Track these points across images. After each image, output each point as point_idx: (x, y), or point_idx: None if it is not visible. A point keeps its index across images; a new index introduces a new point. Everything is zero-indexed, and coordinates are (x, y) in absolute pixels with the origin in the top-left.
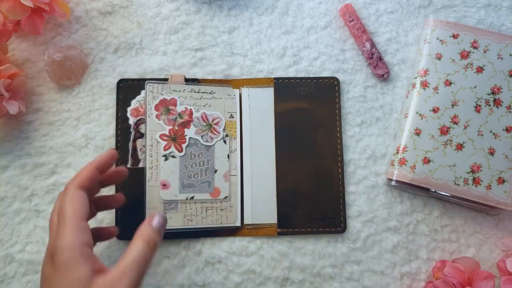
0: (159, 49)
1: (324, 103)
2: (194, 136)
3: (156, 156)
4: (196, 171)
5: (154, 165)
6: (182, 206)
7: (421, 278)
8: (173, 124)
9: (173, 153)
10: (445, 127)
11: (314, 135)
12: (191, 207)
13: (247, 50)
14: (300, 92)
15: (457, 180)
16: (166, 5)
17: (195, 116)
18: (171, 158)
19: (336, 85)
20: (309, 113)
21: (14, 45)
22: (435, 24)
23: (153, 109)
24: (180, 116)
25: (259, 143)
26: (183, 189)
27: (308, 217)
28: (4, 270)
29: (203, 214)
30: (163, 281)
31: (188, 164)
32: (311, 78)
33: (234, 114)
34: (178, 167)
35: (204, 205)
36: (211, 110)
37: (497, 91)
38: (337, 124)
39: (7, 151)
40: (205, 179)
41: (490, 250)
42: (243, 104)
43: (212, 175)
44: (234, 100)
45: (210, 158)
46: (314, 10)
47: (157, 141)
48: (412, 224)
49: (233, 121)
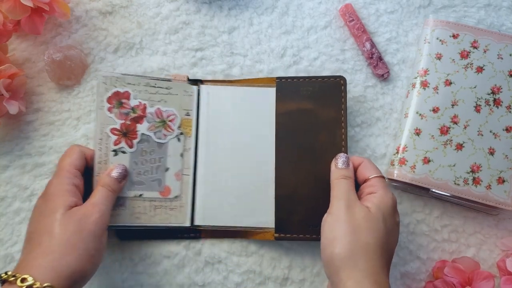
0: (159, 49)
1: (328, 104)
2: (146, 132)
3: (106, 151)
4: (146, 169)
5: (103, 159)
6: (131, 203)
7: (421, 278)
8: (125, 118)
9: (123, 149)
10: (445, 127)
11: (316, 137)
12: (140, 205)
13: (247, 50)
14: (303, 92)
15: (457, 180)
16: (166, 5)
17: (149, 111)
18: (121, 153)
19: (342, 85)
20: (312, 114)
21: (14, 45)
22: (435, 24)
23: (105, 101)
24: (134, 110)
25: (217, 143)
26: (132, 186)
27: (307, 223)
28: (4, 270)
29: (152, 213)
30: (163, 281)
31: (138, 161)
32: (315, 77)
33: (190, 112)
34: (128, 163)
35: (153, 203)
36: (167, 106)
37: (497, 91)
38: (342, 126)
39: (7, 151)
40: (155, 177)
41: (490, 250)
42: (201, 102)
43: (163, 174)
44: (192, 98)
45: (162, 156)
46: (314, 10)
47: (107, 135)
48: (412, 224)
49: (189, 119)
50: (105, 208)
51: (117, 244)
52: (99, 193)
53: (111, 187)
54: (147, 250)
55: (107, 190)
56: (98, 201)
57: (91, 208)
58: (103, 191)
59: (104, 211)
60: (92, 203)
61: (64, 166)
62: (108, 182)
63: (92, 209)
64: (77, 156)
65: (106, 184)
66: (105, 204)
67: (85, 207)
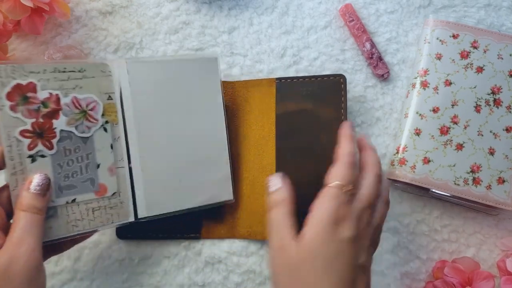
0: (159, 49)
1: (328, 103)
2: (66, 128)
3: (19, 159)
4: (74, 169)
5: (19, 169)
6: (63, 211)
7: (421, 278)
8: (36, 116)
9: (41, 152)
10: (445, 127)
11: (317, 137)
12: (74, 211)
13: (247, 50)
14: (303, 92)
15: (457, 180)
16: (166, 5)
17: (64, 102)
18: (40, 158)
19: (342, 83)
20: (312, 114)
21: (14, 45)
22: (435, 24)
23: (4, 99)
24: (44, 104)
25: (150, 126)
26: (61, 192)
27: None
28: None
29: (90, 217)
30: (163, 281)
31: (63, 163)
32: (315, 76)
33: (112, 94)
34: (50, 167)
35: (89, 206)
36: (83, 93)
37: (497, 91)
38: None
39: None
40: (86, 177)
41: (490, 250)
42: (122, 82)
43: (94, 171)
44: (111, 78)
45: (89, 152)
46: (314, 10)
47: (17, 140)
48: (412, 224)
49: (112, 103)
50: (34, 240)
51: (117, 244)
52: (21, 221)
53: (35, 207)
54: (147, 250)
55: (30, 214)
56: (22, 234)
57: (15, 250)
58: (25, 217)
59: (33, 244)
60: (14, 242)
61: None
62: (29, 201)
63: (17, 250)
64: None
65: (28, 206)
66: (33, 233)
67: (6, 250)
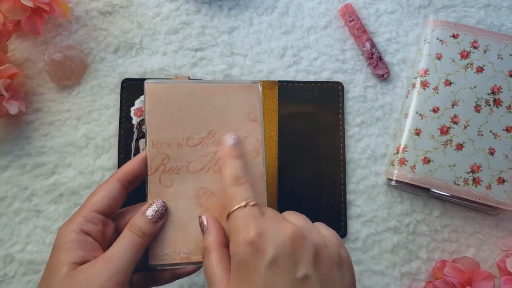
0: (159, 49)
1: (327, 108)
2: None
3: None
4: None
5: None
6: None
7: (421, 278)
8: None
9: None
10: (445, 127)
11: (317, 140)
12: None
13: (247, 50)
14: (304, 96)
15: (457, 180)
16: (166, 5)
17: None
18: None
19: (340, 90)
20: (312, 118)
21: (14, 45)
22: (435, 24)
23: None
24: None
25: None
26: None
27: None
28: (4, 270)
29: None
30: None
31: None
32: (315, 82)
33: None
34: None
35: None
36: None
37: (497, 91)
38: (340, 129)
39: (7, 151)
40: None
41: (490, 250)
42: None
43: None
44: None
45: None
46: (314, 10)
47: None
48: (412, 224)
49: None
50: (125, 263)
51: None
52: (122, 239)
53: (142, 231)
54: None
55: (135, 236)
56: (117, 253)
57: (102, 266)
58: (128, 237)
59: (122, 266)
60: (106, 257)
61: (82, 208)
62: (138, 223)
63: (104, 267)
64: (105, 195)
65: (136, 227)
66: (127, 256)
67: (96, 264)
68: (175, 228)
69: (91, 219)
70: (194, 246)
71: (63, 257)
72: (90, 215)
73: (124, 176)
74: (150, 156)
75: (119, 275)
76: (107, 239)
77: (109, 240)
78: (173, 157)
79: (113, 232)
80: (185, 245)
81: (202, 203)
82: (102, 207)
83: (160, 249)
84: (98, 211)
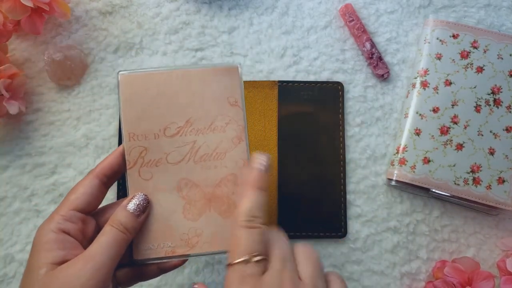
0: (159, 49)
1: (327, 108)
2: None
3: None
4: None
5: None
6: None
7: (421, 278)
8: None
9: None
10: (445, 127)
11: (317, 140)
12: None
13: (247, 50)
14: (304, 96)
15: (457, 180)
16: (166, 5)
17: None
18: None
19: (340, 90)
20: (312, 118)
21: (14, 45)
22: (435, 24)
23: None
24: None
25: None
26: None
27: (309, 222)
28: (4, 270)
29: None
30: (163, 281)
31: None
32: (315, 82)
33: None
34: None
35: None
36: None
37: (497, 91)
38: (340, 129)
39: (7, 151)
40: None
41: (490, 250)
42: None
43: None
44: None
45: None
46: (314, 10)
47: None
48: (412, 224)
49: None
50: (105, 259)
51: None
52: (104, 236)
53: (124, 226)
54: None
55: (116, 230)
56: (97, 250)
57: (82, 264)
58: (110, 232)
59: (103, 263)
60: (86, 255)
61: (60, 206)
62: (120, 218)
63: (84, 265)
64: (84, 192)
65: (117, 222)
66: (108, 253)
67: (76, 263)
68: (158, 221)
69: (70, 217)
70: (178, 239)
71: (42, 258)
72: (69, 214)
73: (102, 172)
74: (127, 149)
75: (100, 272)
76: (88, 237)
77: (90, 238)
78: (150, 149)
79: (94, 230)
80: (169, 239)
81: (184, 195)
82: (80, 205)
83: (144, 244)
84: (76, 209)
